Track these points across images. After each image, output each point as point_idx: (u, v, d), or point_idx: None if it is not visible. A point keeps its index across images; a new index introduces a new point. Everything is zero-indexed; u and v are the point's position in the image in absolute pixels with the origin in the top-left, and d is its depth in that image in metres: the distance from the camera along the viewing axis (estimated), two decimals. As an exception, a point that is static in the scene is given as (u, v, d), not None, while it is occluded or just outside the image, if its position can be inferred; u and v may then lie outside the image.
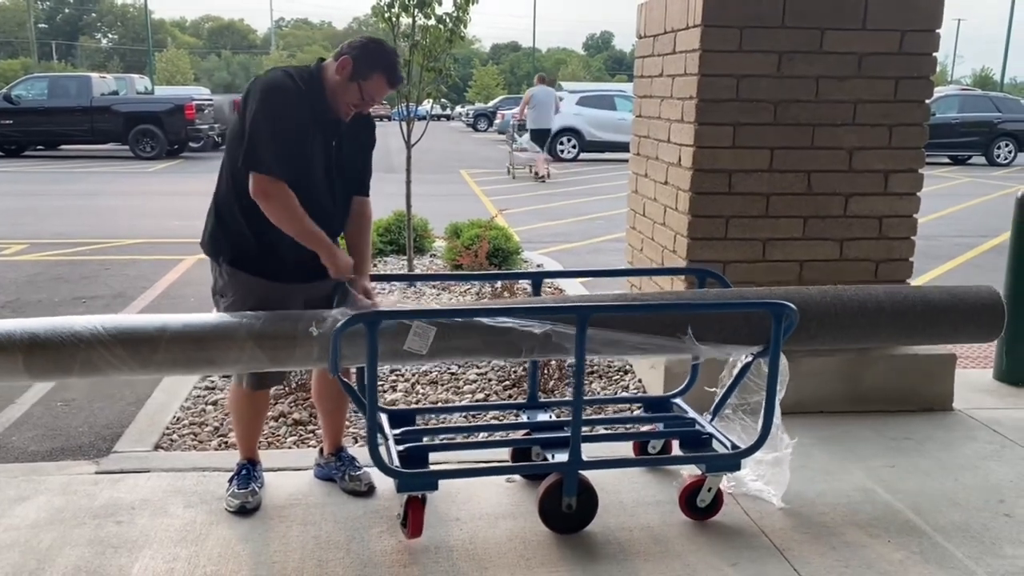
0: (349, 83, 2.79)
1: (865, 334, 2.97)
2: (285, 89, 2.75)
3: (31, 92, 19.01)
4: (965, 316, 3.01)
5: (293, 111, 2.74)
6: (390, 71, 2.83)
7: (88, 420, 4.05)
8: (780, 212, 3.86)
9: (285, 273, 2.83)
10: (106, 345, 2.53)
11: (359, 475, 3.17)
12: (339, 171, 2.94)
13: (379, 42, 2.87)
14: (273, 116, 2.71)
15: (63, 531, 2.87)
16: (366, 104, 2.87)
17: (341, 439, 3.29)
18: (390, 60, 2.83)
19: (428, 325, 2.64)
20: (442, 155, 21.60)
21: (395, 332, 2.64)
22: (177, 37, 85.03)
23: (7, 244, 8.58)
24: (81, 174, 16.24)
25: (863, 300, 2.95)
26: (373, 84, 2.81)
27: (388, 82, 2.86)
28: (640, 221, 4.61)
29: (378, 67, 2.80)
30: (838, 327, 2.92)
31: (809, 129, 3.81)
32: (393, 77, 2.86)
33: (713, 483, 2.93)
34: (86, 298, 6.43)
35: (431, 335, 2.65)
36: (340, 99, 2.82)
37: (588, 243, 9.22)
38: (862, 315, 2.93)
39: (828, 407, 3.92)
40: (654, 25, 4.31)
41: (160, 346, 2.58)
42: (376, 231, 7.38)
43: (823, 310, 2.90)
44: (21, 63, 55.72)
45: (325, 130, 2.86)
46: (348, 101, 2.82)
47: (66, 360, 2.52)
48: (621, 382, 4.36)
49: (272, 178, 2.70)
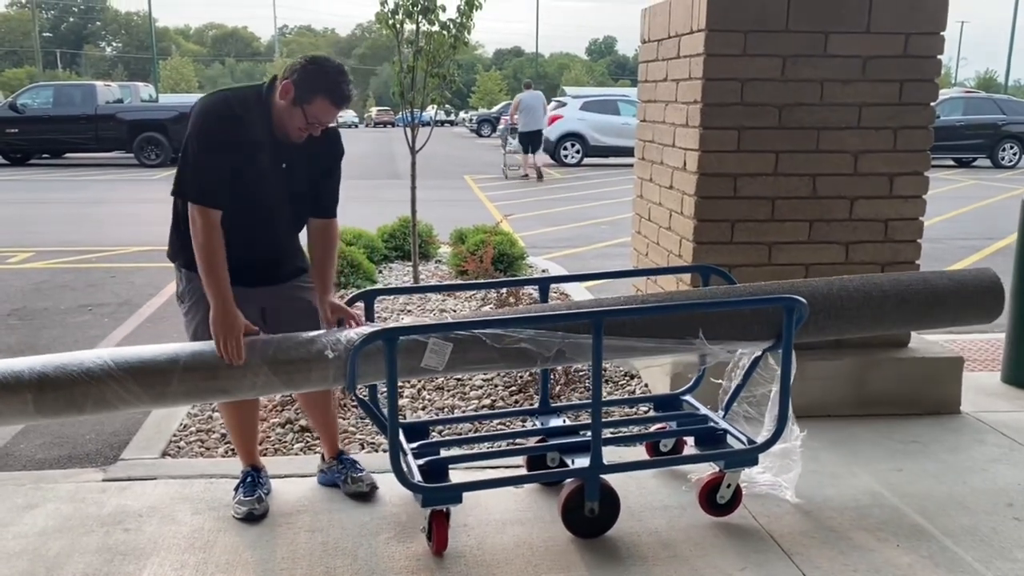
0: (293, 108, 2.71)
1: (871, 323, 3.00)
2: (219, 115, 2.71)
3: (36, 101, 19.09)
4: (967, 299, 3.05)
5: (226, 137, 2.68)
6: (333, 92, 2.70)
7: (95, 428, 4.06)
8: (785, 216, 3.86)
9: (237, 277, 2.75)
10: (118, 380, 2.49)
11: (361, 476, 3.19)
12: (292, 194, 2.88)
13: (320, 62, 2.76)
14: (201, 144, 2.67)
15: (71, 539, 2.87)
16: (314, 127, 2.76)
17: (338, 443, 3.30)
18: (332, 80, 2.71)
19: (444, 342, 2.63)
20: (446, 161, 21.62)
21: (410, 349, 2.63)
22: (181, 45, 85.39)
23: (13, 252, 8.61)
24: (86, 182, 16.30)
25: (868, 289, 2.98)
26: (316, 108, 2.70)
27: (332, 103, 2.72)
28: (645, 226, 4.61)
29: (320, 90, 2.69)
30: (845, 318, 2.95)
31: (814, 133, 3.81)
32: (337, 98, 2.72)
33: (732, 479, 2.95)
34: (92, 306, 6.44)
35: (447, 352, 2.63)
36: (287, 123, 2.74)
37: (593, 248, 9.22)
38: (867, 304, 2.96)
39: (835, 411, 3.91)
40: (658, 30, 4.31)
41: (174, 379, 2.55)
42: (381, 237, 7.40)
43: (830, 302, 2.93)
44: (26, 72, 56.05)
45: (273, 152, 2.79)
46: (295, 125, 2.73)
47: (78, 399, 2.48)
48: (627, 387, 4.36)
49: (198, 206, 2.67)
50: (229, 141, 2.69)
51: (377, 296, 3.23)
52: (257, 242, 2.86)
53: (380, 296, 3.94)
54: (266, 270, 2.92)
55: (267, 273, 2.92)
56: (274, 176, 2.81)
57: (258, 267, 2.88)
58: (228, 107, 2.72)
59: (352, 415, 3.96)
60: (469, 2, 5.58)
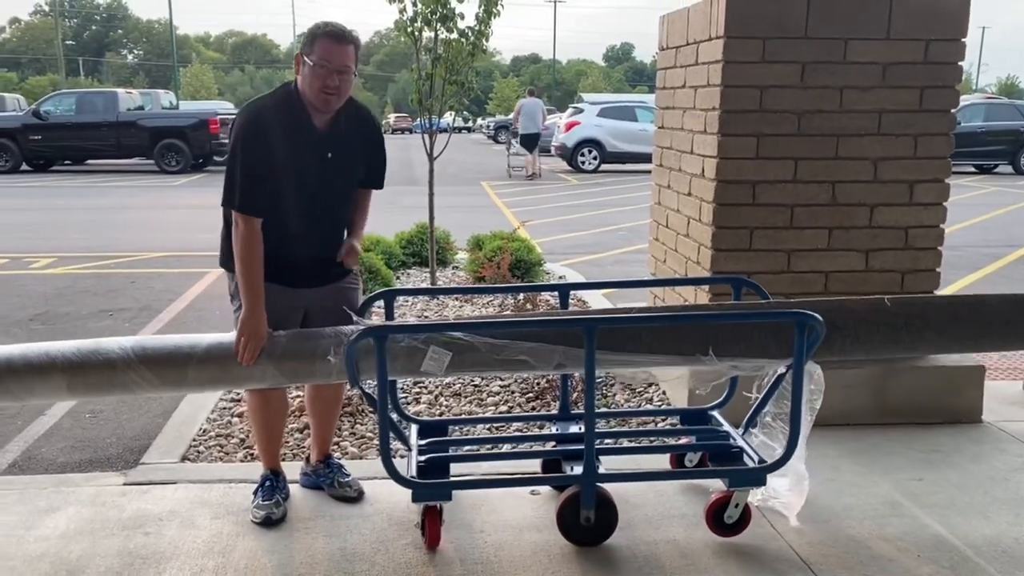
0: (307, 69, 2.79)
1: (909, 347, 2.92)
2: (261, 121, 2.81)
3: (59, 108, 19.33)
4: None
5: (267, 143, 2.78)
6: (326, 30, 2.80)
7: (116, 432, 4.10)
8: (805, 223, 3.84)
9: (286, 278, 2.89)
10: (137, 370, 2.68)
11: (348, 481, 3.22)
12: (340, 181, 2.96)
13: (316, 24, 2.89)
14: (241, 154, 2.77)
15: (92, 542, 2.90)
16: (331, 74, 2.77)
17: (329, 447, 3.32)
18: (323, 23, 2.83)
19: (444, 350, 2.68)
20: (463, 167, 21.67)
21: (411, 353, 2.69)
22: (201, 52, 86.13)
23: (36, 258, 8.71)
24: (108, 188, 16.47)
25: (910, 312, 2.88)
26: (319, 50, 2.77)
27: (330, 39, 2.79)
28: (663, 232, 4.60)
29: (316, 35, 2.80)
30: (878, 342, 2.86)
31: (833, 140, 3.79)
32: (331, 33, 2.80)
33: (740, 498, 2.90)
34: (113, 311, 6.50)
35: (447, 359, 2.69)
36: (313, 93, 2.80)
37: (610, 254, 9.21)
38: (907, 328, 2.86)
39: (854, 419, 3.88)
40: (676, 37, 4.31)
41: (188, 370, 2.72)
42: (399, 243, 7.43)
43: (861, 319, 2.85)
44: (49, 79, 56.69)
45: (316, 145, 2.87)
46: (316, 87, 2.78)
47: (104, 384, 2.70)
48: (645, 394, 4.35)
49: (242, 215, 2.78)
50: (271, 145, 2.78)
51: (396, 296, 3.27)
52: (312, 239, 2.93)
53: (399, 297, 3.96)
54: (314, 269, 2.97)
55: (315, 272, 2.97)
56: (320, 168, 2.89)
57: (307, 266, 2.94)
58: (264, 113, 2.83)
59: (370, 421, 3.97)
60: (487, 10, 5.60)
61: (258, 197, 2.78)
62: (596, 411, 2.75)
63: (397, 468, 2.74)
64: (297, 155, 2.83)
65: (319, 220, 2.94)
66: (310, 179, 2.87)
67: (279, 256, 2.84)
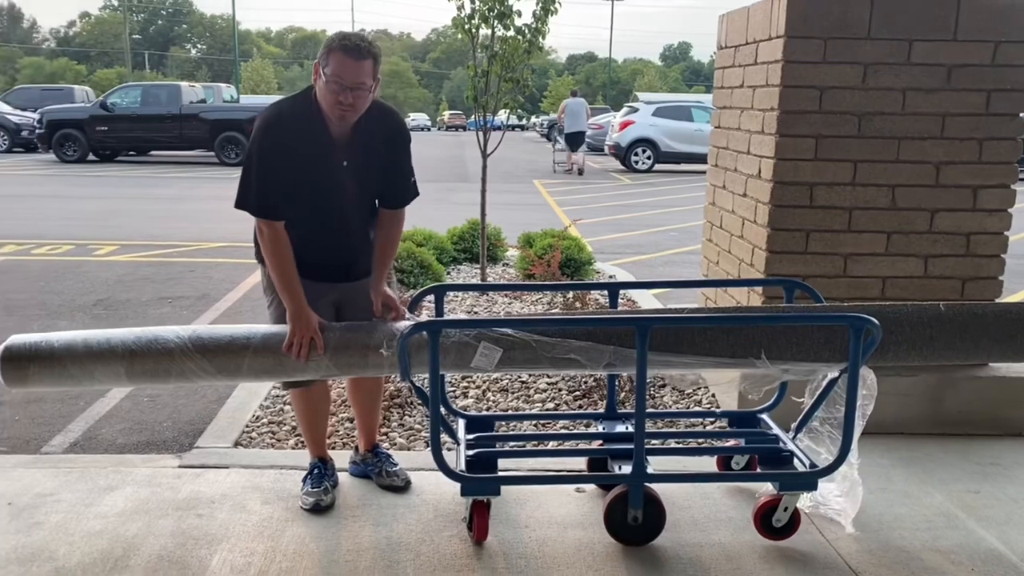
0: (320, 80, 2.74)
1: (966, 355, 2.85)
2: (277, 126, 2.77)
3: (125, 100, 19.84)
4: None
5: (282, 149, 2.75)
6: (342, 44, 2.69)
7: (172, 416, 4.21)
8: (863, 227, 3.77)
9: (315, 273, 2.88)
10: (194, 360, 2.73)
11: (395, 471, 3.24)
12: (359, 189, 2.92)
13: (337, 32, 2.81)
14: (259, 158, 2.75)
15: (148, 521, 2.98)
16: (344, 91, 2.69)
17: (376, 436, 3.36)
18: (340, 35, 2.74)
19: (494, 347, 2.69)
20: (516, 165, 21.71)
21: (461, 349, 2.70)
22: (262, 47, 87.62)
23: (99, 245, 8.97)
24: (169, 179, 16.88)
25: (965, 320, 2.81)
26: (334, 65, 2.69)
27: (345, 54, 2.69)
28: (717, 233, 4.56)
29: (331, 49, 2.70)
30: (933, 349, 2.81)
31: (894, 142, 3.71)
32: (347, 47, 2.69)
33: (789, 502, 2.86)
34: (172, 298, 6.67)
35: (497, 356, 2.70)
36: (327, 106, 2.75)
37: (662, 255, 9.14)
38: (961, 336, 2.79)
39: (908, 428, 3.80)
40: (735, 36, 4.26)
41: (244, 360, 2.76)
42: (450, 239, 7.48)
43: (916, 325, 2.79)
44: (116, 72, 58.25)
45: (333, 152, 2.83)
46: (330, 101, 2.72)
47: (162, 373, 2.75)
48: (694, 396, 4.31)
49: (263, 219, 2.79)
50: (286, 152, 2.75)
51: (446, 292, 3.29)
52: (329, 243, 2.93)
53: (449, 293, 3.99)
54: (338, 269, 2.99)
55: (341, 271, 3.00)
56: (338, 176, 2.86)
57: (331, 267, 2.96)
58: (281, 119, 2.79)
59: (418, 413, 4.01)
60: (545, 7, 5.61)
61: (275, 201, 2.76)
62: (645, 411, 2.73)
63: (447, 462, 2.76)
64: (312, 163, 2.79)
65: (340, 226, 2.93)
66: (326, 187, 2.85)
67: (302, 256, 2.83)
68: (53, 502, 3.11)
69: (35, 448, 3.80)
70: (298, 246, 2.82)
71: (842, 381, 2.79)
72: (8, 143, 22.42)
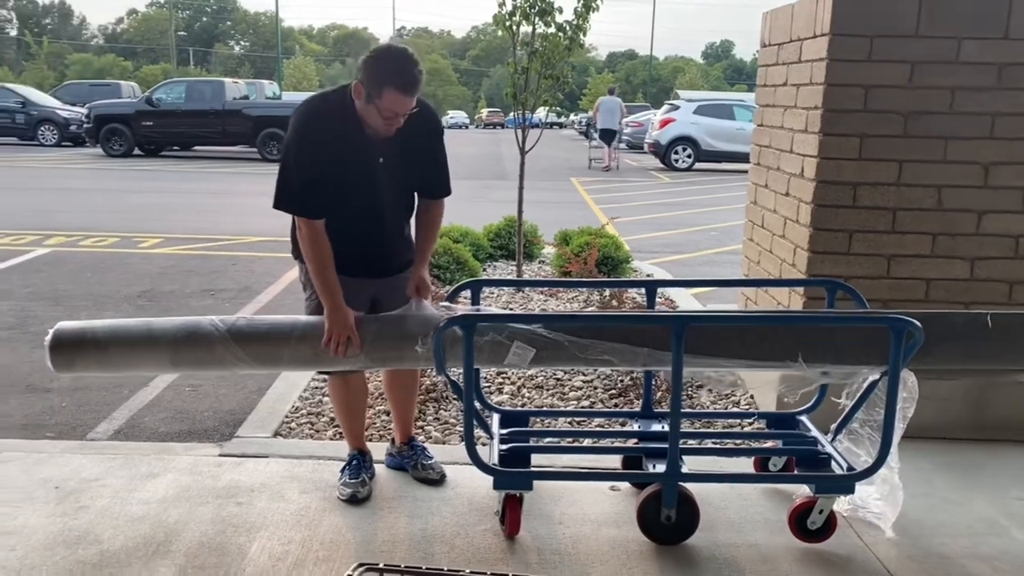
0: (367, 106, 2.71)
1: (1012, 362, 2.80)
2: (312, 123, 2.78)
3: (170, 96, 20.18)
4: None
5: (319, 144, 2.75)
6: (398, 79, 2.64)
7: (213, 405, 4.28)
8: (907, 228, 3.71)
9: (353, 269, 2.89)
10: (232, 348, 2.77)
11: (431, 464, 3.26)
12: (395, 184, 2.93)
13: (381, 52, 2.74)
14: (296, 156, 2.76)
15: (189, 508, 3.04)
16: (394, 120, 2.72)
17: (412, 429, 3.38)
18: (396, 67, 2.65)
19: (528, 346, 2.70)
20: (554, 162, 21.68)
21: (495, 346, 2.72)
22: (304, 44, 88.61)
23: (144, 237, 9.14)
24: (212, 174, 17.14)
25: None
26: (387, 100, 2.66)
27: (401, 92, 2.66)
28: (758, 233, 4.52)
29: (385, 81, 2.64)
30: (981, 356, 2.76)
31: (941, 142, 3.64)
32: (403, 84, 2.65)
33: (825, 505, 2.83)
34: (214, 291, 6.78)
35: (530, 355, 2.71)
36: (373, 124, 2.75)
37: (701, 255, 9.08)
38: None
39: (951, 433, 3.73)
40: (779, 33, 4.22)
41: (283, 351, 2.82)
42: (486, 236, 7.50)
43: (960, 331, 2.74)
44: (161, 68, 59.25)
45: (367, 149, 2.83)
46: (379, 123, 2.72)
47: (202, 361, 2.82)
48: (732, 397, 4.28)
49: (301, 218, 2.81)
50: (324, 150, 2.76)
51: (483, 287, 3.31)
52: (366, 239, 2.95)
53: (485, 289, 4.00)
54: (375, 264, 3.01)
55: (377, 267, 3.02)
56: (373, 173, 2.87)
57: (368, 262, 2.98)
58: (318, 117, 2.81)
59: (453, 407, 4.04)
60: (586, 4, 5.60)
61: (314, 200, 2.78)
62: (681, 411, 2.72)
63: (480, 455, 2.78)
64: (348, 160, 2.80)
65: (377, 222, 2.95)
66: (362, 184, 2.86)
67: (340, 252, 2.84)
68: (98, 487, 3.18)
69: (81, 434, 3.90)
70: (336, 242, 2.84)
71: (882, 383, 2.75)
72: (57, 137, 22.91)
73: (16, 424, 4.00)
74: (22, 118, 22.90)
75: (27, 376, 4.61)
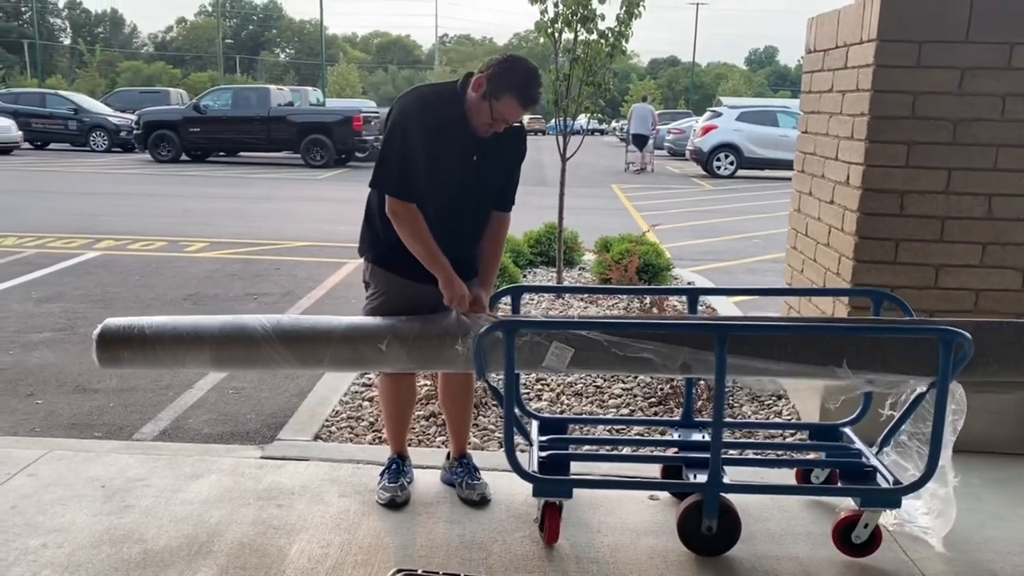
0: (482, 101, 2.78)
1: None
2: (420, 108, 2.84)
3: (217, 102, 20.54)
4: None
5: (424, 130, 2.81)
6: (521, 91, 2.76)
7: (255, 408, 4.34)
8: (956, 237, 3.63)
9: (419, 274, 2.91)
10: (275, 347, 2.80)
11: (475, 484, 3.19)
12: (479, 186, 2.97)
13: (515, 61, 2.83)
14: (403, 137, 2.82)
15: (230, 509, 3.08)
16: (497, 124, 2.82)
17: (465, 444, 3.33)
18: (523, 80, 2.76)
19: (566, 347, 2.69)
20: (594, 169, 21.65)
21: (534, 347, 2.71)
22: (348, 52, 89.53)
23: (190, 241, 9.31)
24: (257, 179, 17.39)
25: None
26: (504, 105, 2.77)
27: (519, 103, 2.78)
28: (802, 241, 4.46)
29: (510, 88, 2.75)
30: None
31: (992, 150, 3.56)
32: (525, 98, 2.77)
33: (871, 519, 2.78)
34: (257, 294, 6.87)
35: (568, 356, 2.70)
36: (475, 117, 2.83)
37: (742, 262, 8.98)
38: None
39: (1000, 448, 3.64)
40: (825, 39, 4.16)
41: (326, 351, 2.83)
42: (527, 242, 7.50)
43: (1010, 342, 2.67)
44: (209, 76, 60.30)
45: (466, 145, 2.88)
46: (482, 120, 2.81)
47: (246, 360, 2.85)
48: (774, 407, 4.22)
49: (399, 200, 2.83)
50: (425, 134, 2.82)
51: (523, 293, 3.31)
52: (441, 240, 2.92)
53: (525, 295, 4.00)
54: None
55: None
56: (465, 168, 2.92)
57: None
58: (425, 102, 2.88)
59: (493, 413, 4.04)
60: (628, 11, 5.58)
61: (411, 182, 2.83)
62: (723, 420, 2.69)
63: (520, 462, 2.77)
64: (447, 150, 2.85)
65: (456, 222, 2.97)
66: (453, 177, 2.90)
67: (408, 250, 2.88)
68: (143, 487, 3.24)
69: (127, 435, 3.97)
70: None
71: (930, 395, 2.69)
72: (108, 143, 23.46)
73: (65, 423, 4.09)
74: (74, 124, 23.50)
75: (76, 376, 4.71)
